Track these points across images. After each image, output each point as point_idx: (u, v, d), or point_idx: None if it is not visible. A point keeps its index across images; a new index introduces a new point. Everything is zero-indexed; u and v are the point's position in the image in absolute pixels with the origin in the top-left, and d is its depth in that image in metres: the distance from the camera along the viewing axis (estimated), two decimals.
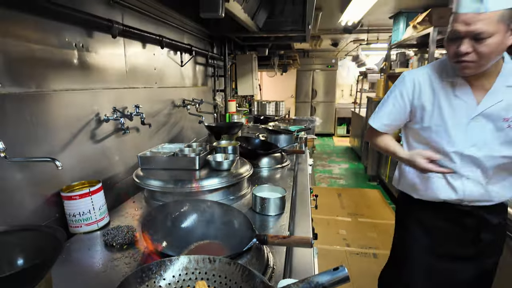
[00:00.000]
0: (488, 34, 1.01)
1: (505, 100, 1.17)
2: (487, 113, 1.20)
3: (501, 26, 1.01)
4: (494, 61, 1.10)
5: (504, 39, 1.04)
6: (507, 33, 1.04)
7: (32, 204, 1.13)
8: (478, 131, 1.22)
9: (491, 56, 1.06)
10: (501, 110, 1.17)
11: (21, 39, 1.09)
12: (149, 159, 1.55)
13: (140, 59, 1.87)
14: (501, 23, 1.00)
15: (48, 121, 1.19)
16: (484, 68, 1.12)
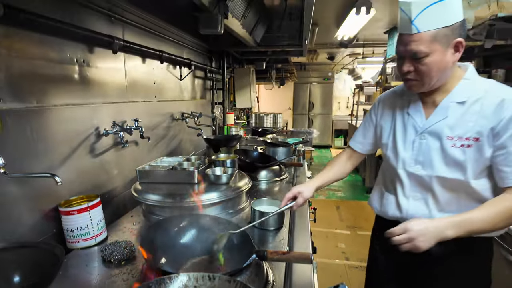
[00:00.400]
0: (424, 54, 1.01)
1: (450, 117, 1.11)
2: (432, 130, 1.14)
3: (436, 46, 1.00)
4: (441, 77, 1.08)
5: (444, 57, 1.02)
6: (446, 51, 1.02)
7: (30, 220, 1.13)
8: (424, 149, 1.16)
9: (431, 74, 1.05)
10: (446, 128, 1.11)
11: (23, 56, 1.10)
12: (147, 173, 1.55)
13: (140, 73, 1.89)
14: (435, 42, 1.00)
15: (48, 136, 1.20)
16: (429, 85, 1.09)
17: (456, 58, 1.05)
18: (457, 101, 1.11)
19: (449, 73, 1.08)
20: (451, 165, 1.11)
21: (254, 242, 1.03)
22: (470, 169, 1.07)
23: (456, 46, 1.02)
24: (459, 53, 1.04)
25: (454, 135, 1.09)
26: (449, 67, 1.06)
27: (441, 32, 0.99)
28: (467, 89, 1.10)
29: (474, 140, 1.06)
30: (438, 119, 1.13)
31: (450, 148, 1.09)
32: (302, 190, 1.30)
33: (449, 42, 1.01)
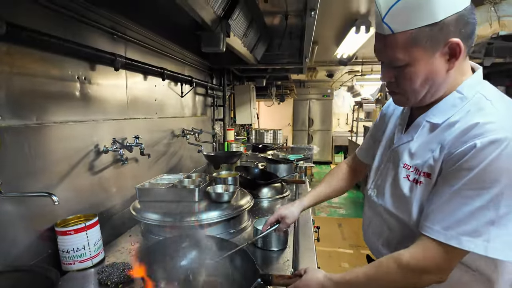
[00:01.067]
0: (402, 62, 0.78)
1: (415, 140, 0.88)
2: (396, 151, 0.94)
3: (419, 51, 0.75)
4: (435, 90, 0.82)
5: (432, 66, 0.77)
6: (434, 57, 0.76)
7: (25, 240, 1.08)
8: (385, 171, 0.98)
9: (415, 88, 0.81)
10: (406, 153, 0.89)
11: (25, 73, 1.10)
12: (147, 191, 1.51)
13: (141, 90, 1.89)
14: (416, 47, 0.75)
15: (47, 153, 1.17)
16: (417, 100, 0.84)
17: (452, 66, 0.78)
18: (431, 120, 0.86)
19: (446, 84, 0.81)
20: (397, 199, 0.91)
21: (257, 264, 0.99)
22: (415, 211, 0.84)
23: (450, 48, 0.75)
24: (456, 59, 0.76)
25: (411, 164, 0.87)
26: (443, 78, 0.79)
27: (424, 32, 0.73)
28: (450, 106, 0.82)
29: (425, 175, 0.83)
30: (406, 139, 0.92)
31: (402, 179, 0.88)
32: (285, 215, 1.21)
33: (438, 45, 0.75)
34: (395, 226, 0.93)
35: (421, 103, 0.87)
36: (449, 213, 0.74)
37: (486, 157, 0.69)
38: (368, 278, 0.82)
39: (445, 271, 0.77)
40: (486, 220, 0.70)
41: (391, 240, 0.95)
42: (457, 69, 0.80)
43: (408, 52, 0.77)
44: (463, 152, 0.73)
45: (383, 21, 0.77)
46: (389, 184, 0.95)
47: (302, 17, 2.67)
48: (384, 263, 0.82)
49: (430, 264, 0.76)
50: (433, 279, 0.78)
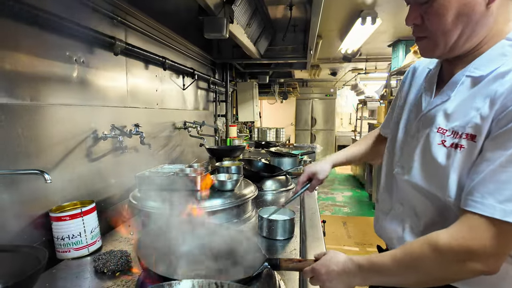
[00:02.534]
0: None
1: (453, 99, 0.75)
2: (427, 116, 0.80)
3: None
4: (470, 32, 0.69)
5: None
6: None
7: (16, 226, 1.02)
8: (413, 143, 0.83)
9: (447, 26, 0.68)
10: (441, 115, 0.75)
11: (20, 51, 1.04)
12: (147, 179, 1.45)
13: (141, 79, 1.83)
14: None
15: (41, 135, 1.11)
16: (448, 46, 0.72)
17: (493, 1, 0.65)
18: (472, 74, 0.72)
19: (486, 26, 0.68)
20: (429, 172, 0.76)
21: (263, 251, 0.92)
22: (453, 184, 0.70)
23: None
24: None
25: (448, 127, 0.73)
26: (481, 14, 0.66)
27: None
28: (498, 55, 0.68)
29: (468, 138, 0.68)
30: (439, 101, 0.78)
31: (436, 145, 0.73)
32: (316, 171, 1.16)
33: None
34: (425, 206, 0.78)
35: (452, 51, 0.73)
36: (505, 183, 0.59)
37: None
38: (397, 264, 0.68)
39: (497, 258, 0.61)
40: None
41: (418, 225, 0.80)
42: (501, 11, 0.68)
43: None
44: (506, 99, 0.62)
45: None
46: (418, 156, 0.79)
47: (306, 8, 2.62)
48: (416, 246, 0.67)
49: (479, 248, 0.60)
50: (479, 268, 0.61)
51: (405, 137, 0.87)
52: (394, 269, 0.68)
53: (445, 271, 0.63)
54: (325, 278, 0.75)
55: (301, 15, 2.80)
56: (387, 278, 0.70)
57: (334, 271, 0.74)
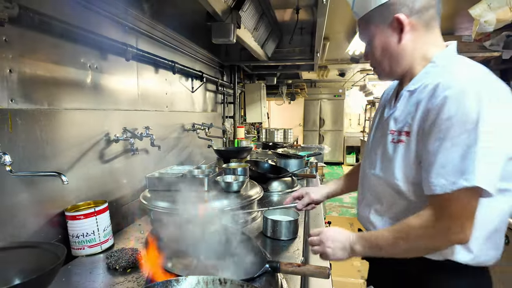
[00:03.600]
0: (367, 38, 0.97)
1: (398, 108, 0.97)
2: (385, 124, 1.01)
3: (373, 28, 0.94)
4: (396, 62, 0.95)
5: (386, 38, 0.93)
6: (385, 30, 0.92)
7: (34, 224, 1.09)
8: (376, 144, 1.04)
9: (378, 58, 0.97)
10: (392, 121, 0.97)
11: (37, 58, 1.11)
12: (157, 180, 1.51)
13: (152, 83, 1.89)
14: (372, 24, 0.94)
15: (58, 139, 1.18)
16: (386, 71, 0.99)
17: (403, 38, 0.91)
18: (409, 89, 0.95)
19: (405, 55, 0.93)
20: (384, 164, 0.97)
21: (267, 252, 0.97)
22: (397, 170, 0.91)
23: (397, 23, 0.89)
24: (405, 32, 0.90)
25: (395, 128, 0.94)
26: (396, 49, 0.93)
27: (376, 12, 0.92)
28: (426, 74, 0.92)
29: (405, 134, 0.90)
30: (392, 111, 1.00)
31: (389, 144, 0.95)
32: (309, 191, 1.28)
33: (386, 22, 0.91)
34: (384, 192, 0.97)
35: (392, 75, 1.00)
36: (447, 163, 0.77)
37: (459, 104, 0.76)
38: (392, 235, 0.86)
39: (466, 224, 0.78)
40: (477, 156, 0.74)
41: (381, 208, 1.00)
42: (417, 42, 0.92)
43: (367, 30, 0.96)
44: (438, 105, 0.80)
45: (353, 9, 0.99)
46: (379, 154, 1.00)
47: (313, 11, 2.65)
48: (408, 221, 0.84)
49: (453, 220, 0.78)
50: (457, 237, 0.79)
51: (373, 142, 1.07)
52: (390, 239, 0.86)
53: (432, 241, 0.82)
54: (330, 246, 0.94)
55: (308, 17, 2.83)
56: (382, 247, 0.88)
57: (340, 241, 0.94)
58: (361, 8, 0.95)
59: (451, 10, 2.84)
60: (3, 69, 0.98)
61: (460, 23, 3.23)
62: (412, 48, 0.92)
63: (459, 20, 3.13)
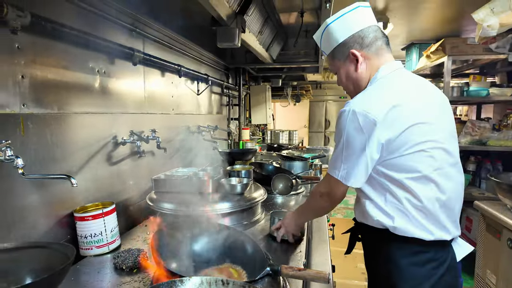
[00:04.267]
0: (334, 70, 1.23)
1: None
2: None
3: (337, 62, 1.19)
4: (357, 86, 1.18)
5: (346, 68, 1.18)
6: (345, 63, 1.17)
7: (44, 225, 1.12)
8: None
9: (345, 84, 1.22)
10: None
11: (48, 64, 1.14)
12: (163, 182, 1.54)
13: (158, 86, 1.93)
14: (335, 60, 1.19)
15: (67, 142, 1.22)
16: (353, 94, 1.20)
17: (358, 66, 1.14)
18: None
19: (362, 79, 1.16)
20: None
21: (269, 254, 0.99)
22: None
23: (353, 56, 1.13)
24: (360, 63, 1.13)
25: None
26: (355, 76, 1.16)
27: (336, 50, 1.17)
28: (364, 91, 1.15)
29: None
30: None
31: None
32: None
33: (344, 55, 1.16)
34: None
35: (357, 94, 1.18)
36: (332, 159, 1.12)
37: (337, 123, 1.09)
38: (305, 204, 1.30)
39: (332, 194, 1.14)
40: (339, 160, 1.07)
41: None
42: (370, 68, 1.14)
43: (333, 64, 1.22)
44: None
45: (321, 49, 1.25)
46: None
47: (318, 14, 2.66)
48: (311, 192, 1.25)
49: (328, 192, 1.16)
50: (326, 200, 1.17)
51: None
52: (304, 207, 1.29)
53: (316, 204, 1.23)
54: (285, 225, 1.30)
55: (312, 20, 2.84)
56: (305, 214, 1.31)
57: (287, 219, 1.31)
58: (326, 48, 1.21)
59: (456, 13, 2.84)
60: (16, 75, 1.02)
61: (466, 25, 3.22)
62: (367, 73, 1.15)
63: (464, 23, 3.12)
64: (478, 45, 2.95)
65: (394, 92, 1.06)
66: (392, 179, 1.04)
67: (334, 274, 1.46)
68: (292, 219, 1.30)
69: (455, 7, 2.69)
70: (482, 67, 3.90)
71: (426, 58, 3.59)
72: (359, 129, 1.01)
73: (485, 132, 3.23)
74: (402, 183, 1.02)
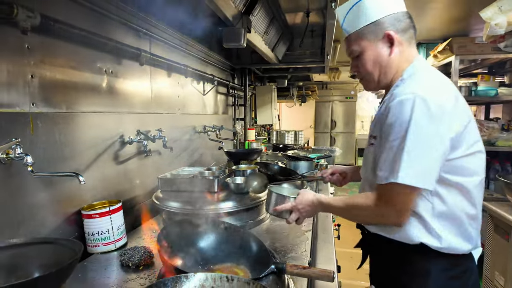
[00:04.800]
0: (357, 52, 1.07)
1: (376, 115, 1.09)
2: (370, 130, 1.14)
3: (365, 42, 1.04)
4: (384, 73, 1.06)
5: (376, 51, 1.04)
6: (377, 44, 1.04)
7: (53, 222, 1.14)
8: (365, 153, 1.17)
9: (368, 69, 1.07)
10: (372, 127, 1.11)
11: (57, 64, 1.16)
12: (169, 180, 1.55)
13: (164, 86, 1.95)
14: (363, 40, 1.04)
15: (75, 140, 1.24)
16: (375, 82, 1.09)
17: (392, 52, 1.03)
18: (384, 99, 1.08)
19: (392, 67, 1.05)
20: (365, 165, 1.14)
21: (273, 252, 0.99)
22: (369, 168, 1.07)
23: (387, 38, 1.02)
24: (395, 46, 1.02)
25: (371, 133, 1.10)
26: (387, 61, 1.04)
27: (367, 29, 1.03)
28: (395, 86, 1.03)
29: (373, 138, 1.06)
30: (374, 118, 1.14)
31: (368, 146, 1.10)
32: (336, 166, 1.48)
33: (378, 37, 1.03)
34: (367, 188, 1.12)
35: (379, 85, 1.10)
36: (385, 161, 0.93)
37: (394, 114, 0.91)
38: (346, 205, 1.06)
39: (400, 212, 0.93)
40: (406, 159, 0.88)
41: None
42: (401, 56, 1.04)
43: (359, 44, 1.06)
44: (385, 113, 0.95)
45: (342, 27, 1.10)
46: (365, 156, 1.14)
47: (324, 14, 2.66)
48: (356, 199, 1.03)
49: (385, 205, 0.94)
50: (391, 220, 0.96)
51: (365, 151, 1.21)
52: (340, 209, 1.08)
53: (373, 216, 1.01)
54: (302, 211, 1.13)
55: (318, 20, 2.84)
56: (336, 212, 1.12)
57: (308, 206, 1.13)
58: (352, 25, 1.06)
59: (465, 12, 2.81)
60: (26, 74, 1.04)
61: (474, 25, 3.18)
62: (398, 61, 1.05)
63: (472, 22, 3.08)
64: (486, 44, 2.92)
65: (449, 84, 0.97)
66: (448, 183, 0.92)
67: (339, 275, 1.46)
68: (312, 207, 1.11)
69: (463, 6, 2.66)
70: (490, 67, 3.85)
71: (433, 57, 3.56)
72: (431, 118, 0.86)
73: (493, 133, 3.19)
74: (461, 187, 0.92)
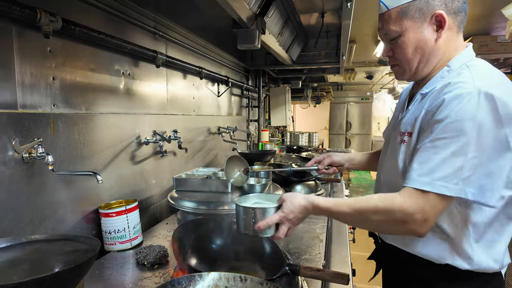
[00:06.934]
0: (396, 33, 0.89)
1: (410, 110, 0.95)
2: (397, 126, 1.00)
3: (408, 22, 0.86)
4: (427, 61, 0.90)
5: (421, 35, 0.86)
6: (422, 27, 0.86)
7: (72, 220, 1.18)
8: (385, 147, 1.06)
9: (408, 56, 0.90)
10: (402, 123, 0.96)
11: (76, 66, 1.20)
12: (183, 181, 1.57)
13: (180, 88, 1.97)
14: (406, 19, 0.86)
15: (94, 141, 1.27)
16: (412, 71, 0.92)
17: (440, 36, 0.86)
18: (422, 92, 0.93)
19: (437, 56, 0.89)
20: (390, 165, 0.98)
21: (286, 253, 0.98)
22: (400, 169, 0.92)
23: (436, 20, 0.84)
24: (443, 30, 0.85)
25: (403, 130, 0.94)
26: (432, 47, 0.88)
27: (413, 6, 0.85)
28: (439, 78, 0.90)
29: (408, 135, 0.91)
30: (404, 113, 0.99)
31: (397, 145, 0.95)
32: (331, 154, 1.33)
33: (425, 16, 0.85)
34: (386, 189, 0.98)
35: (416, 75, 0.94)
36: (424, 162, 0.78)
37: (452, 110, 0.76)
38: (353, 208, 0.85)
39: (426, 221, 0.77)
40: (456, 167, 0.74)
41: None
42: (448, 44, 0.88)
43: (400, 24, 0.88)
44: (435, 107, 0.80)
45: (381, 1, 0.90)
46: (387, 155, 1.03)
47: (339, 15, 2.63)
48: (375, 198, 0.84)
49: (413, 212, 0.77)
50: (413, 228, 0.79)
51: (386, 145, 1.09)
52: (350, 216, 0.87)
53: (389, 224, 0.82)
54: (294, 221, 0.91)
55: (333, 21, 2.81)
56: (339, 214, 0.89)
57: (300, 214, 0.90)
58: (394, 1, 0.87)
59: (486, 10, 2.72)
60: (48, 77, 1.08)
61: (496, 23, 3.08)
62: (444, 49, 0.89)
63: (494, 20, 2.98)
64: (509, 43, 2.81)
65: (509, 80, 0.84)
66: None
67: (354, 279, 1.43)
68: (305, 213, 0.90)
69: (484, 4, 2.57)
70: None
71: None
72: (498, 120, 0.73)
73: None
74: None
